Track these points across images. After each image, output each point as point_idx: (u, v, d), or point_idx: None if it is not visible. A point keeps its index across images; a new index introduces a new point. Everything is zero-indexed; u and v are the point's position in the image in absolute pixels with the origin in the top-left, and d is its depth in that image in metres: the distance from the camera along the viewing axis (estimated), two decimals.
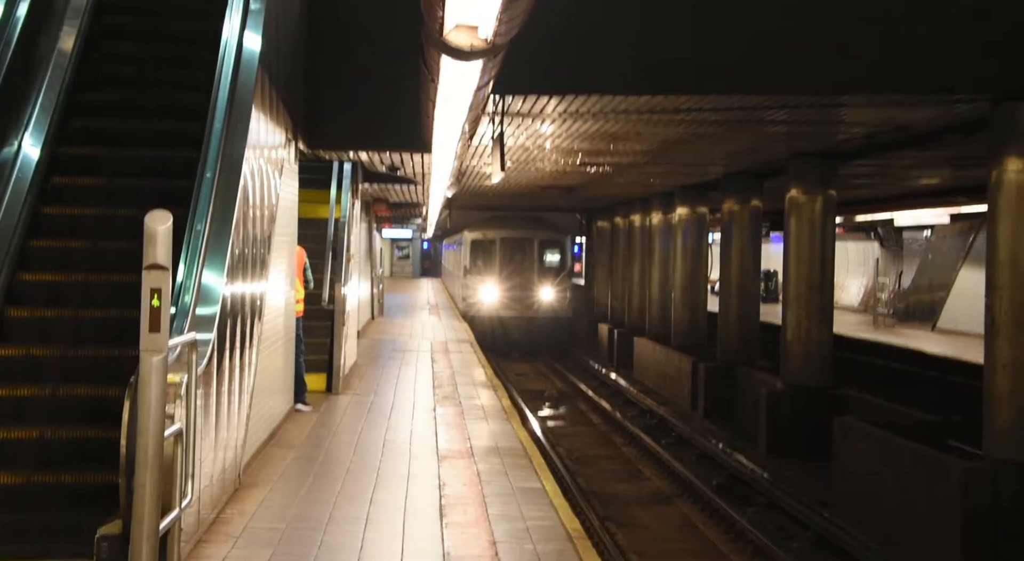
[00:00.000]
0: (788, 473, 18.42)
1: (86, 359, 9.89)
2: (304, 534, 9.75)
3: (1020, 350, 13.43)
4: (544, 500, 11.17)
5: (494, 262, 34.68)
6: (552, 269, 34.56)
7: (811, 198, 20.09)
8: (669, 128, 16.79)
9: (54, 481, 9.36)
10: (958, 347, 24.17)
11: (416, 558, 9.25)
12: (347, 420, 15.85)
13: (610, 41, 12.84)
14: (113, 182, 11.24)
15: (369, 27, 14.42)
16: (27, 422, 9.69)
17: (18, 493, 9.31)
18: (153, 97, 12.25)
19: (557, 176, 23.65)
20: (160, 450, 7.28)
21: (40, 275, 10.71)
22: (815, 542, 15.04)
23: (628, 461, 21.35)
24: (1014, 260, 13.30)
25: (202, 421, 9.05)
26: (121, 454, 7.82)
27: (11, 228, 10.76)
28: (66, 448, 9.56)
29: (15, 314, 10.39)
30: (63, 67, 11.91)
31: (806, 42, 13.27)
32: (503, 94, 12.73)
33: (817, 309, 19.93)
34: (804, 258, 19.74)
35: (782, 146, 19.21)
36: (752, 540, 15.06)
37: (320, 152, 16.93)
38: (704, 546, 15.62)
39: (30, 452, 9.64)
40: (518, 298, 33.99)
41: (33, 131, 11.17)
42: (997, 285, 13.47)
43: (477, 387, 19.40)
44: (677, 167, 22.85)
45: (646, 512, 17.50)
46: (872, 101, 14.67)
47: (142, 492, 7.10)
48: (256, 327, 11.92)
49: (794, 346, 20.10)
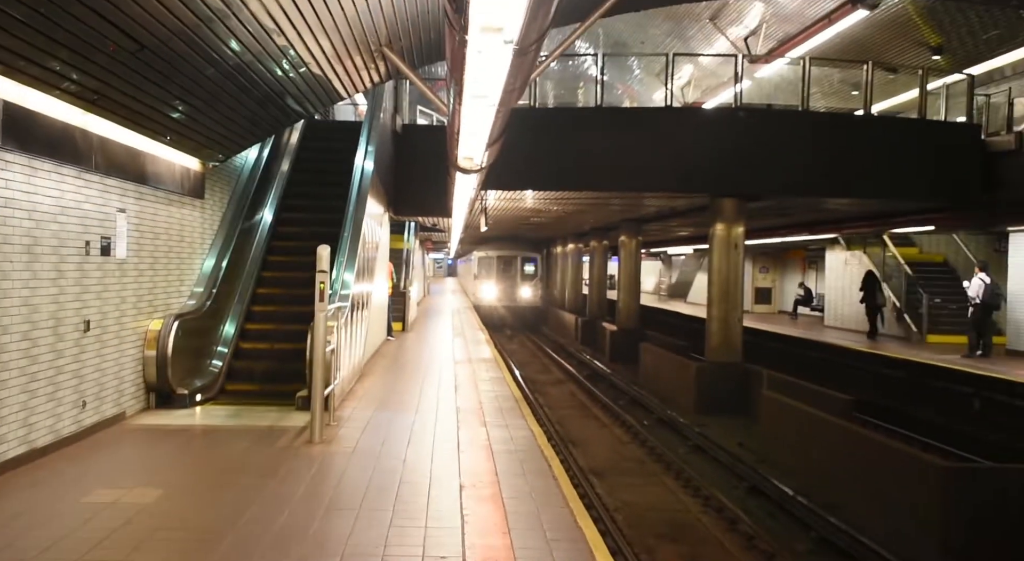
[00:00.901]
0: (619, 370, 21.34)
1: (294, 313, 11.17)
2: (391, 396, 11.04)
3: (721, 311, 16.22)
4: (504, 383, 12.38)
5: (493, 271, 38.25)
6: (530, 276, 38.32)
7: (630, 240, 24.78)
8: (566, 205, 19.51)
9: (280, 368, 10.57)
10: (695, 310, 28.56)
11: (444, 405, 10.41)
12: (410, 345, 17.64)
13: (532, 164, 14.48)
14: (304, 232, 12.69)
15: (425, 155, 15.46)
16: (268, 340, 11.19)
17: (261, 374, 10.68)
18: (322, 189, 13.66)
19: (516, 225, 27.76)
20: (323, 356, 8.23)
21: (273, 273, 12.22)
22: (630, 401, 17.31)
23: (544, 364, 24.16)
24: (718, 271, 16.39)
25: (344, 344, 10.07)
26: (306, 357, 8.98)
27: (261, 251, 12.48)
28: (285, 353, 10.72)
29: (261, 291, 11.95)
30: (284, 177, 13.90)
31: (628, 166, 14.71)
32: (485, 189, 14.42)
33: (633, 292, 25.04)
34: (626, 269, 24.92)
35: (616, 216, 23.04)
36: (600, 400, 17.37)
37: (400, 216, 19.43)
38: (578, 402, 17.74)
39: (269, 355, 10.98)
40: (508, 294, 38.26)
41: (269, 208, 13.55)
42: (712, 281, 16.52)
43: (475, 330, 21.99)
44: (572, 224, 26.87)
45: (552, 388, 19.52)
46: (658, 196, 17.36)
47: (316, 375, 8.01)
48: (368, 301, 13.34)
49: (621, 309, 25.13)
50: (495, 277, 37.50)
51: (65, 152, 7.12)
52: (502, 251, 37.50)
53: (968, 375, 14.28)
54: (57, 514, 5.57)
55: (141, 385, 9.02)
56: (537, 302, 38.04)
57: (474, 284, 39.73)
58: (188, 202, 10.11)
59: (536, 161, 14.27)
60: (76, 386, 7.57)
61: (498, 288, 37.39)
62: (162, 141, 8.82)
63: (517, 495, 6.30)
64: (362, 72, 9.45)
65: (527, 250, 38.41)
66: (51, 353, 7.14)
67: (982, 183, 15.05)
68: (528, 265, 38.06)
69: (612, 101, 26.82)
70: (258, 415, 9.10)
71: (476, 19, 4.08)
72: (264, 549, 5.00)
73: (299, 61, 8.22)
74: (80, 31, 5.97)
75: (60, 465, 6.81)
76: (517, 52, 4.51)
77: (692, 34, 24.79)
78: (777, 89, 22.68)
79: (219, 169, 11.02)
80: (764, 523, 9.32)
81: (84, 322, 7.66)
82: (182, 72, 7.30)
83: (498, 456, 7.50)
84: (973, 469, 9.28)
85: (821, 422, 10.72)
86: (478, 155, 8.70)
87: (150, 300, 9.18)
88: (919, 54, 20.89)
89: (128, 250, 8.52)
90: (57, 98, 6.83)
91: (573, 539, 5.34)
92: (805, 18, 19.89)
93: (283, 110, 9.87)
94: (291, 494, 6.12)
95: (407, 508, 5.87)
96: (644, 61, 26.92)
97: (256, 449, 7.54)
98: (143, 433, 8.17)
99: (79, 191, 7.48)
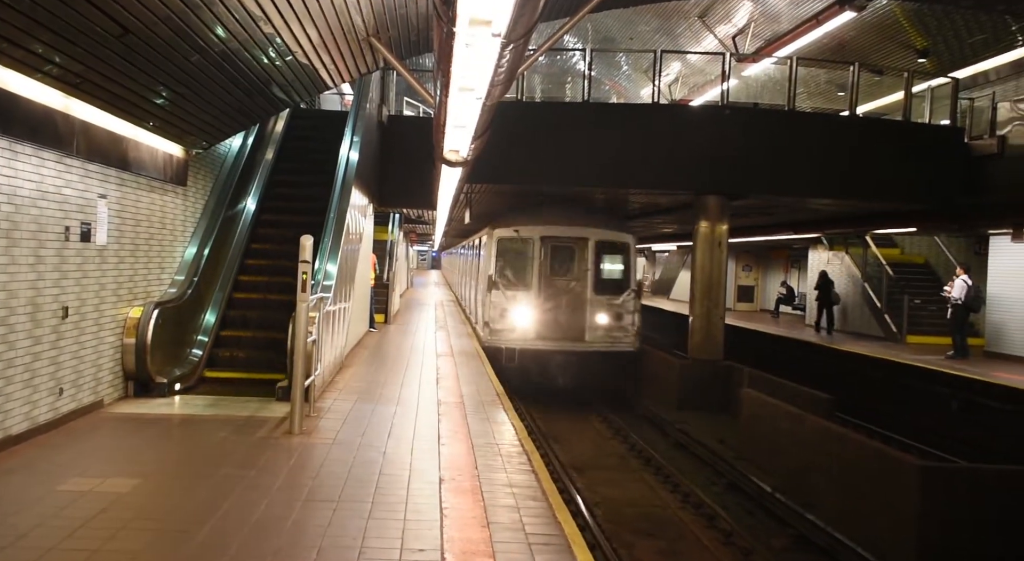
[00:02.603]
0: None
1: (276, 302, 11.31)
2: (372, 388, 10.97)
3: (702, 309, 16.32)
4: (486, 377, 12.11)
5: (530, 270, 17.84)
6: (615, 282, 18.14)
7: None
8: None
9: (260, 357, 10.58)
10: (678, 307, 28.63)
11: (425, 397, 10.44)
12: (393, 337, 17.47)
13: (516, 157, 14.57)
14: (288, 220, 12.73)
15: (411, 147, 15.43)
16: (250, 328, 11.21)
17: (241, 363, 10.68)
18: (306, 178, 13.69)
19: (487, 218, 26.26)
20: (304, 347, 8.11)
21: (256, 261, 12.21)
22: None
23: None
24: (702, 268, 16.40)
25: (325, 335, 10.01)
26: (288, 347, 8.96)
27: (244, 237, 12.47)
28: (266, 343, 10.71)
29: (244, 279, 11.91)
30: (268, 165, 13.86)
31: (614, 162, 14.63)
32: (470, 183, 14.39)
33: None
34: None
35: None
36: None
37: (384, 207, 19.08)
38: None
39: (250, 345, 10.97)
40: (565, 324, 21.47)
41: (253, 196, 13.54)
42: (695, 278, 16.55)
43: (457, 323, 21.82)
44: None
45: None
46: (643, 192, 16.97)
47: (297, 366, 7.94)
48: (351, 292, 13.21)
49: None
50: (535, 284, 17.70)
51: (46, 136, 7.03)
52: (554, 227, 17.95)
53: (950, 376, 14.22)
54: (32, 502, 5.51)
55: (119, 373, 8.96)
56: (630, 340, 17.91)
57: (477, 293, 20.48)
58: (170, 189, 10.02)
59: (520, 155, 14.31)
60: (53, 373, 7.50)
61: (541, 310, 17.63)
62: (145, 127, 8.73)
63: (496, 489, 6.28)
64: (349, 62, 9.36)
65: (606, 226, 18.46)
66: (28, 339, 7.07)
67: (964, 186, 15.20)
68: (612, 257, 18.09)
69: (600, 97, 26.89)
70: (238, 405, 9.05)
71: (464, 11, 4.06)
72: (241, 540, 4.96)
73: (285, 49, 8.15)
74: (63, 13, 5.89)
75: (35, 453, 6.74)
76: (505, 45, 4.50)
77: (681, 31, 24.88)
78: (764, 88, 22.80)
79: (203, 157, 10.93)
80: (743, 521, 9.33)
81: (62, 308, 7.58)
82: (167, 58, 7.23)
83: (478, 450, 7.49)
84: (949, 469, 9.31)
85: (798, 419, 10.71)
86: (464, 148, 8.67)
87: (130, 287, 9.11)
88: (905, 57, 21.06)
89: (109, 237, 8.45)
90: (39, 81, 6.72)
91: (552, 533, 5.32)
92: (793, 18, 19.99)
93: (268, 98, 9.78)
94: (269, 485, 6.10)
95: (386, 500, 5.85)
96: (632, 57, 26.99)
97: (235, 439, 7.50)
98: (121, 421, 8.11)
99: (60, 176, 7.40)
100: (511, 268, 17.22)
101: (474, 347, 15.99)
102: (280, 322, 9.93)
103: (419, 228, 33.42)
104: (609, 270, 17.50)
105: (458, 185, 11.96)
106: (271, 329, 10.54)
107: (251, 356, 10.56)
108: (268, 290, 11.34)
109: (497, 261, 17.20)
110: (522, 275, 17.07)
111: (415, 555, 4.84)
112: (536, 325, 16.82)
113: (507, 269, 17.22)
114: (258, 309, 11.21)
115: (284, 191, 13.18)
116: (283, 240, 11.65)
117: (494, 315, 16.85)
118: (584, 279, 17.02)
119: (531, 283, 16.99)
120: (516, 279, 17.12)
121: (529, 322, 16.81)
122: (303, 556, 4.77)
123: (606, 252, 17.38)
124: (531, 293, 16.97)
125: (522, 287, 16.99)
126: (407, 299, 32.15)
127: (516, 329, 16.71)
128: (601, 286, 17.08)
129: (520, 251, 17.17)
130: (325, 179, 12.56)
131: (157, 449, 7.21)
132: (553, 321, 16.94)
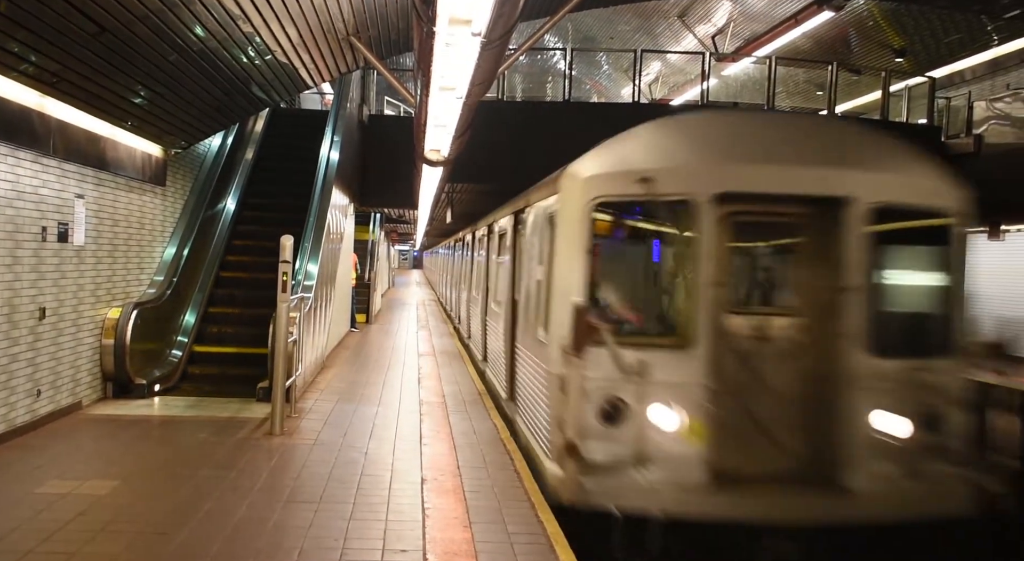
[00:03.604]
0: None
1: (256, 302, 11.08)
2: (354, 388, 10.89)
3: None
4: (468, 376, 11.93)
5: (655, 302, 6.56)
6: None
7: None
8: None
9: (241, 358, 10.49)
10: None
11: (407, 397, 10.32)
12: (374, 337, 17.46)
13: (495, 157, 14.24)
14: (268, 217, 12.59)
15: (391, 146, 15.30)
16: (232, 325, 11.12)
17: (222, 364, 10.60)
18: (287, 178, 13.50)
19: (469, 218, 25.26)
20: (285, 347, 8.16)
21: (238, 257, 12.14)
22: None
23: None
24: None
25: (306, 335, 9.99)
26: (269, 347, 8.86)
27: (224, 236, 12.37)
28: (246, 343, 10.62)
29: (224, 274, 11.82)
30: (248, 165, 13.70)
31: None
32: (451, 182, 14.38)
33: None
34: None
35: None
36: None
37: (365, 207, 18.96)
38: None
39: (234, 339, 10.92)
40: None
41: (232, 196, 13.09)
42: None
43: (439, 323, 21.53)
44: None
45: None
46: None
47: (277, 366, 7.89)
48: (332, 292, 13.13)
49: None
50: (703, 329, 5.67)
51: (22, 135, 6.97)
52: (752, 170, 5.89)
53: None
54: (9, 505, 5.46)
55: (98, 374, 8.91)
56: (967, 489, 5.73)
57: (526, 342, 7.88)
58: (149, 189, 9.96)
59: (501, 154, 14.21)
60: (31, 374, 7.45)
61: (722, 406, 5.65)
62: (123, 127, 8.68)
63: (479, 489, 6.28)
64: (328, 61, 9.34)
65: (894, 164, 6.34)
66: (5, 340, 7.02)
67: None
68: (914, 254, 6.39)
69: (581, 96, 26.95)
70: (218, 406, 9.00)
71: (444, 11, 4.07)
72: (222, 542, 4.95)
73: (265, 48, 8.13)
74: (39, 12, 5.84)
75: (13, 455, 6.69)
76: (485, 45, 4.51)
77: (661, 31, 25.02)
78: (744, 88, 22.95)
79: (182, 156, 10.88)
80: None
81: (39, 309, 7.54)
82: (145, 57, 7.19)
83: (460, 449, 7.50)
84: None
85: None
86: (445, 147, 8.65)
87: (108, 288, 9.07)
88: (883, 56, 21.28)
89: (86, 237, 8.41)
90: (15, 80, 6.66)
91: (534, 533, 5.32)
92: (772, 18, 20.15)
93: (248, 98, 9.74)
94: (250, 486, 6.07)
95: (368, 501, 5.84)
96: (613, 57, 27.11)
97: (215, 440, 7.46)
98: (100, 423, 8.06)
99: (36, 176, 7.34)
100: (625, 287, 6.33)
101: (456, 346, 16.02)
102: (261, 322, 9.79)
103: (400, 227, 33.36)
104: (911, 287, 6.55)
105: (439, 184, 12.01)
106: (252, 330, 10.39)
107: (232, 357, 10.41)
108: (249, 289, 11.19)
109: (591, 266, 5.96)
110: (658, 305, 6.33)
111: (397, 556, 4.82)
112: (709, 450, 5.65)
113: (615, 290, 6.20)
114: (239, 307, 11.07)
115: (265, 190, 13.10)
116: (264, 237, 11.36)
117: (588, 420, 5.66)
118: (838, 313, 5.90)
119: (692, 327, 5.78)
120: (645, 317, 6.26)
121: (690, 444, 5.65)
122: (284, 558, 4.76)
123: (900, 237, 6.23)
124: (691, 356, 5.72)
125: (663, 337, 5.91)
126: (389, 299, 32.11)
127: (654, 465, 5.57)
128: (887, 331, 5.91)
129: (650, 241, 6.30)
130: (305, 178, 12.46)
131: (136, 451, 7.16)
132: (752, 436, 5.90)
